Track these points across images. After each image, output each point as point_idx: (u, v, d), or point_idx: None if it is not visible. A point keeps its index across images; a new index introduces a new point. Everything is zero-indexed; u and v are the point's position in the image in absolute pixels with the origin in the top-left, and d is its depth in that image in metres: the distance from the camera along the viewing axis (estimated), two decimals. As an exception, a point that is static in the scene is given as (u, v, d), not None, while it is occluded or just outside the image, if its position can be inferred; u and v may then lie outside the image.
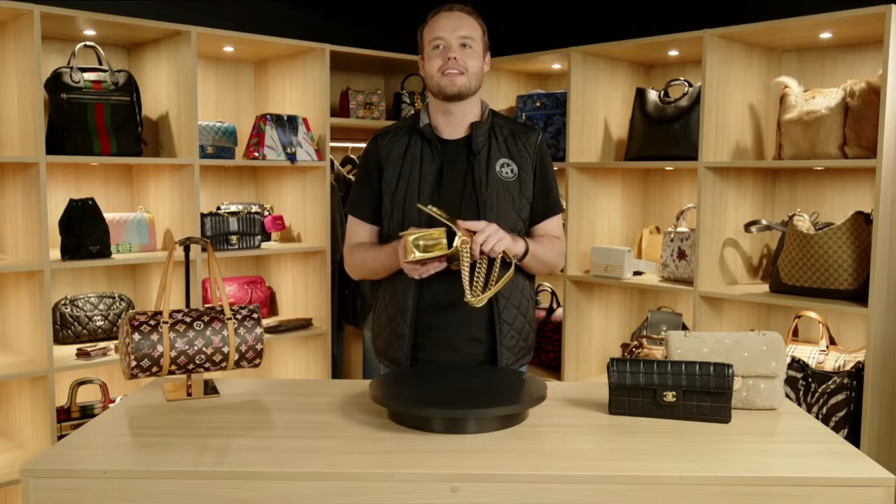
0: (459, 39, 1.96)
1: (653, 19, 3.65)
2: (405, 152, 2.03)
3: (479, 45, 2.00)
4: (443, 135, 2.04)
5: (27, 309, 2.88)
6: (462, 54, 1.96)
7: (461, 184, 1.99)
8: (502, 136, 2.04)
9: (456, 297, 1.92)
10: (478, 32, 2.00)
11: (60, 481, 1.43)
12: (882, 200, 2.57)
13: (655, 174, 3.70)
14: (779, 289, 2.89)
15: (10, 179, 2.91)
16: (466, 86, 1.97)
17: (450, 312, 1.98)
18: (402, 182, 2.00)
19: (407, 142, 2.04)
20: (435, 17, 2.00)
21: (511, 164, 2.01)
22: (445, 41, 1.96)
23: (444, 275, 1.90)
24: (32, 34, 2.68)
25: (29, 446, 2.93)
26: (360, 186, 2.11)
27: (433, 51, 1.98)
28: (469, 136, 2.02)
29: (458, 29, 1.96)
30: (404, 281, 1.98)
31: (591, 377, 3.63)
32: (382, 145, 2.07)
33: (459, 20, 1.98)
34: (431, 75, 1.99)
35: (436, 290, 1.98)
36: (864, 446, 2.59)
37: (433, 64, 1.98)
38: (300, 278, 3.66)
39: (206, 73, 3.58)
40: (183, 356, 1.82)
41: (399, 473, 1.42)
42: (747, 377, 1.77)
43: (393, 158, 2.03)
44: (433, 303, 1.99)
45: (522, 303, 2.05)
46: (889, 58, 2.52)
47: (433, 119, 2.05)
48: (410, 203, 1.98)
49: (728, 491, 1.41)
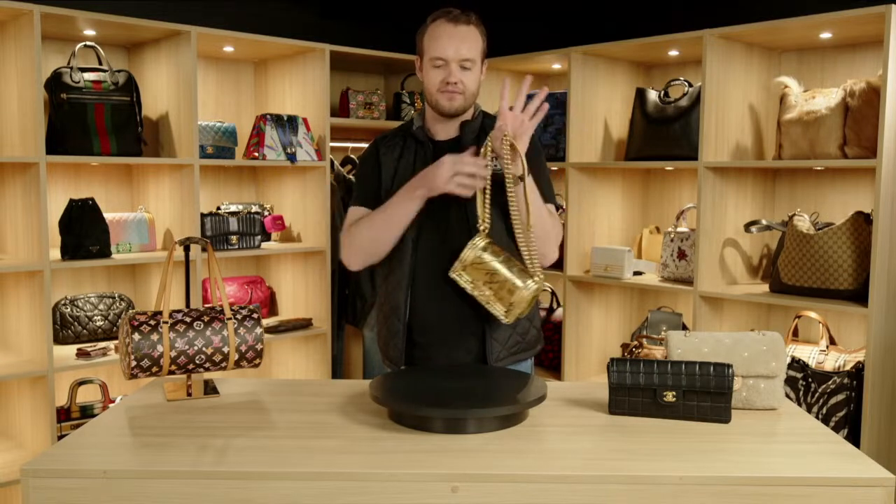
0: (461, 62, 1.97)
1: (653, 19, 3.65)
2: (400, 155, 2.08)
3: (478, 62, 2.01)
4: (436, 136, 2.07)
5: (27, 309, 2.88)
6: (462, 75, 1.97)
7: None
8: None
9: (449, 291, 1.94)
10: (479, 48, 2.00)
11: (60, 481, 1.43)
12: (882, 200, 2.57)
13: (655, 174, 3.70)
14: (779, 289, 2.89)
15: (10, 179, 2.91)
16: (463, 105, 2.01)
17: (445, 304, 1.99)
18: (396, 183, 2.04)
19: (402, 145, 2.09)
20: (437, 29, 1.98)
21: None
22: (446, 62, 1.96)
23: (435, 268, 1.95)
24: (32, 34, 2.68)
25: (29, 446, 2.93)
26: (361, 181, 2.14)
27: (433, 68, 1.98)
28: (459, 136, 2.05)
29: (461, 50, 1.96)
30: (398, 279, 2.01)
31: (591, 377, 3.63)
32: (381, 146, 2.12)
33: (462, 40, 1.96)
34: (430, 91, 2.01)
35: (428, 287, 2.00)
36: (864, 446, 2.59)
37: (432, 80, 1.99)
38: (300, 278, 3.66)
39: (206, 73, 3.58)
40: (183, 356, 1.82)
41: (399, 473, 1.42)
42: (747, 377, 1.77)
43: (389, 160, 2.08)
44: (427, 295, 2.00)
45: None
46: (889, 58, 2.52)
47: (427, 122, 2.09)
48: None
49: (728, 491, 1.41)
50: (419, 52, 2.04)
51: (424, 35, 2.01)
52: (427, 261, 2.00)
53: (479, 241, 1.86)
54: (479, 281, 1.86)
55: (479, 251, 1.85)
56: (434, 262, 1.99)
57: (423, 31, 2.02)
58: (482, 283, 1.85)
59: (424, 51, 2.01)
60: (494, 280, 1.84)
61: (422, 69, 2.03)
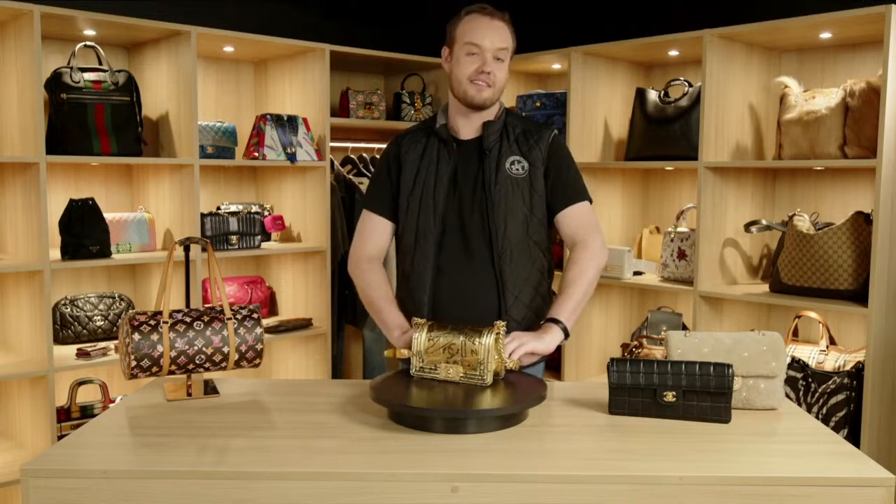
0: (496, 52, 1.97)
1: (653, 19, 3.65)
2: (423, 153, 2.07)
3: (509, 57, 2.02)
4: (459, 135, 2.07)
5: (27, 309, 2.88)
6: (495, 67, 1.97)
7: (472, 182, 2.02)
8: (514, 134, 2.05)
9: (469, 292, 1.97)
10: (511, 45, 2.01)
11: (60, 481, 1.43)
12: (882, 200, 2.57)
13: (655, 174, 3.70)
14: (779, 289, 2.89)
15: (10, 179, 2.91)
16: (492, 98, 2.01)
17: (462, 306, 2.00)
18: (418, 181, 2.04)
19: (425, 143, 2.08)
20: (473, 19, 1.98)
21: (522, 161, 2.02)
22: (482, 51, 1.96)
23: (457, 270, 1.98)
24: (32, 34, 2.68)
25: (29, 446, 2.93)
26: (377, 183, 2.14)
27: (466, 56, 1.98)
28: (482, 136, 2.05)
29: (497, 41, 1.96)
30: (420, 276, 2.02)
31: (591, 377, 3.63)
32: (403, 145, 2.10)
33: (499, 31, 1.97)
34: (459, 80, 1.99)
35: (451, 285, 2.01)
36: (864, 446, 2.59)
37: (463, 68, 1.98)
38: (300, 278, 3.66)
39: (206, 73, 3.58)
40: (183, 356, 1.82)
41: (399, 473, 1.42)
42: (747, 377, 1.77)
43: (411, 158, 2.07)
44: (447, 297, 2.01)
45: (535, 300, 2.04)
46: (889, 58, 2.52)
47: (451, 120, 2.08)
48: (426, 202, 2.02)
49: (728, 491, 1.41)
50: (449, 41, 2.03)
51: (458, 25, 2.00)
52: (449, 264, 2.02)
53: (418, 333, 1.80)
54: (440, 362, 1.78)
55: (425, 334, 1.79)
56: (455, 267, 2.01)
57: (456, 22, 2.01)
58: (444, 362, 1.78)
59: (457, 38, 1.99)
60: (454, 351, 1.77)
61: (450, 59, 2.02)
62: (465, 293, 1.99)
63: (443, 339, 1.77)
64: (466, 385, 1.75)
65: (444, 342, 1.77)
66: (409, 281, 2.07)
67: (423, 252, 2.02)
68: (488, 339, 1.74)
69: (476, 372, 1.75)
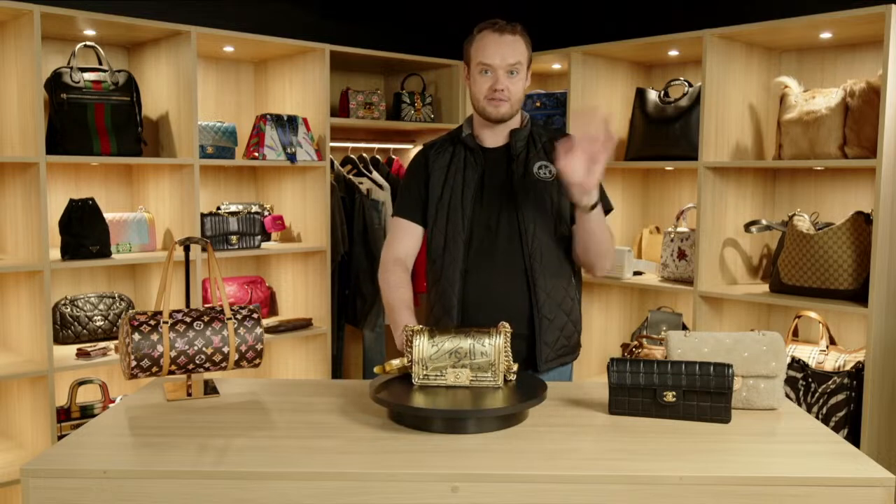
0: (508, 68, 2.00)
1: (653, 19, 3.65)
2: (450, 161, 2.11)
3: (523, 69, 2.05)
4: (485, 143, 2.11)
5: (27, 309, 2.88)
6: (508, 82, 2.01)
7: (500, 187, 2.06)
8: (541, 141, 2.10)
9: (499, 293, 2.01)
10: (524, 55, 2.04)
11: (60, 481, 1.43)
12: (882, 200, 2.57)
13: (655, 174, 3.70)
14: (779, 289, 2.89)
15: (10, 179, 2.91)
16: (510, 112, 2.05)
17: (493, 308, 2.01)
18: (446, 188, 2.08)
19: (451, 152, 2.12)
20: (483, 37, 2.02)
21: (549, 166, 2.06)
22: (493, 69, 2.00)
23: (486, 272, 2.01)
24: (32, 34, 2.68)
25: (29, 446, 2.93)
26: (406, 190, 2.17)
27: (480, 75, 2.02)
28: (509, 143, 2.09)
29: (508, 57, 1.99)
30: (450, 280, 2.05)
31: (591, 377, 3.63)
32: (430, 154, 2.15)
33: (511, 46, 2.00)
34: (477, 98, 2.04)
35: (480, 287, 2.04)
36: (864, 446, 2.59)
37: (479, 87, 2.03)
38: (300, 278, 3.66)
39: (206, 73, 3.58)
40: (183, 356, 1.82)
41: (399, 473, 1.42)
42: (747, 377, 1.77)
43: (439, 167, 2.11)
44: (477, 299, 2.04)
45: (565, 300, 2.07)
46: (889, 58, 2.52)
47: (476, 129, 2.12)
48: (454, 207, 2.06)
49: (728, 491, 1.41)
50: (466, 61, 2.08)
51: (472, 45, 2.05)
52: (478, 266, 2.04)
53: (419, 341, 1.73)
54: (447, 367, 1.73)
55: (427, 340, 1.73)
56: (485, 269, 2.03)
57: (470, 41, 2.06)
58: (451, 367, 1.73)
59: (471, 58, 2.05)
60: (461, 355, 1.73)
61: (468, 77, 2.07)
62: (495, 295, 2.02)
63: (448, 343, 1.73)
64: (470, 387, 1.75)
65: (449, 347, 1.73)
66: (438, 285, 2.09)
67: (452, 255, 2.05)
68: (498, 340, 1.73)
69: (487, 374, 1.73)
